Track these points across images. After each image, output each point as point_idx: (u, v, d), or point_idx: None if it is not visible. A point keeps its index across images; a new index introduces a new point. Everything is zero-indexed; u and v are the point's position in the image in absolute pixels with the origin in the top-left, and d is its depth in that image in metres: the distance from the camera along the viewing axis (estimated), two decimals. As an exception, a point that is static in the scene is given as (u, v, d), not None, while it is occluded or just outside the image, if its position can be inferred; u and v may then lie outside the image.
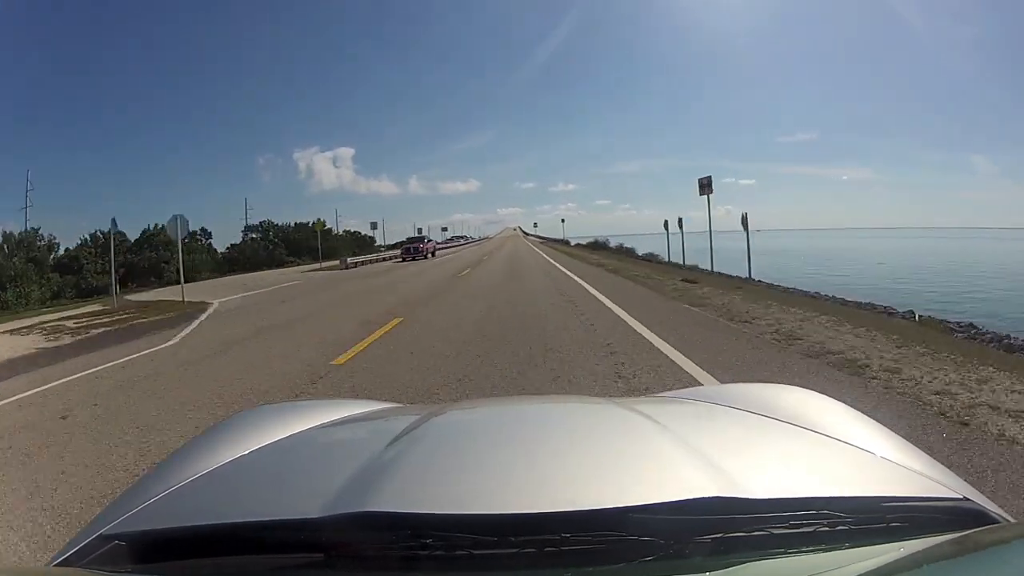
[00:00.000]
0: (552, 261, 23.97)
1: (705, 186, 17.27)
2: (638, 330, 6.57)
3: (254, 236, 48.19)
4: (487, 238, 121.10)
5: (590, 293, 10.83)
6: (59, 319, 13.44)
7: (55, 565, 0.73)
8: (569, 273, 16.46)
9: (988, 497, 0.78)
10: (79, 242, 32.42)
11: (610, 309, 8.47)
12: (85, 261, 29.90)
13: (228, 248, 44.71)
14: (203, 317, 11.62)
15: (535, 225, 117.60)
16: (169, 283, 24.32)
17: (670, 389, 2.06)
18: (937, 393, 3.81)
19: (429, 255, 36.12)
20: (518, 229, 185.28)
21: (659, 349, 5.55)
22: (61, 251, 31.65)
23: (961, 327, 6.68)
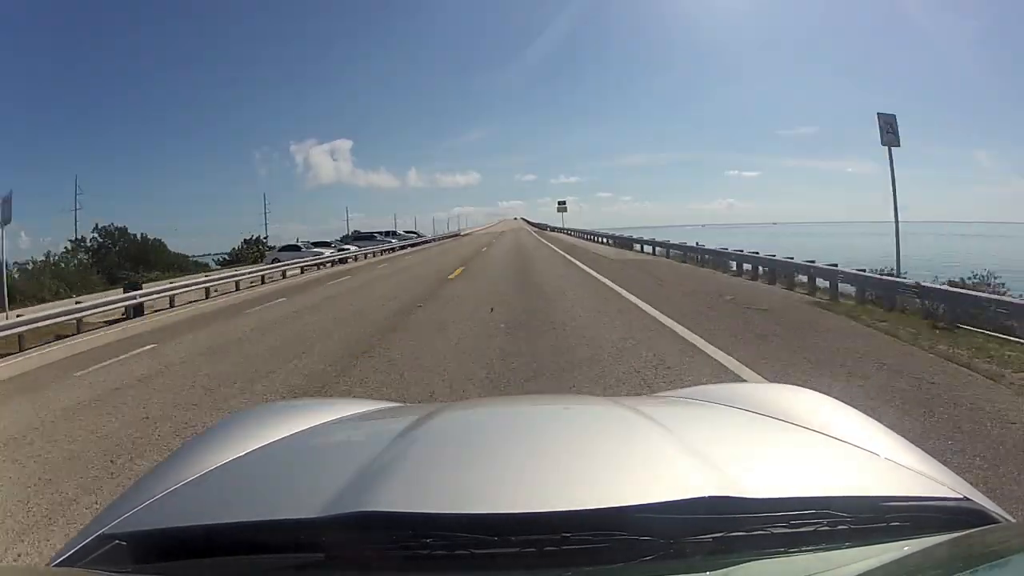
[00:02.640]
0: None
1: (889, 133, 10.44)
2: None
3: None
4: (456, 235, 59.27)
5: None
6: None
7: (55, 565, 0.73)
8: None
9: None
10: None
11: None
12: None
13: None
14: None
15: (562, 207, 56.25)
16: None
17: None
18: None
19: None
20: (520, 220, 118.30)
21: None
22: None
23: None
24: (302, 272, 21.47)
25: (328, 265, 24.32)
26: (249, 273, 17.82)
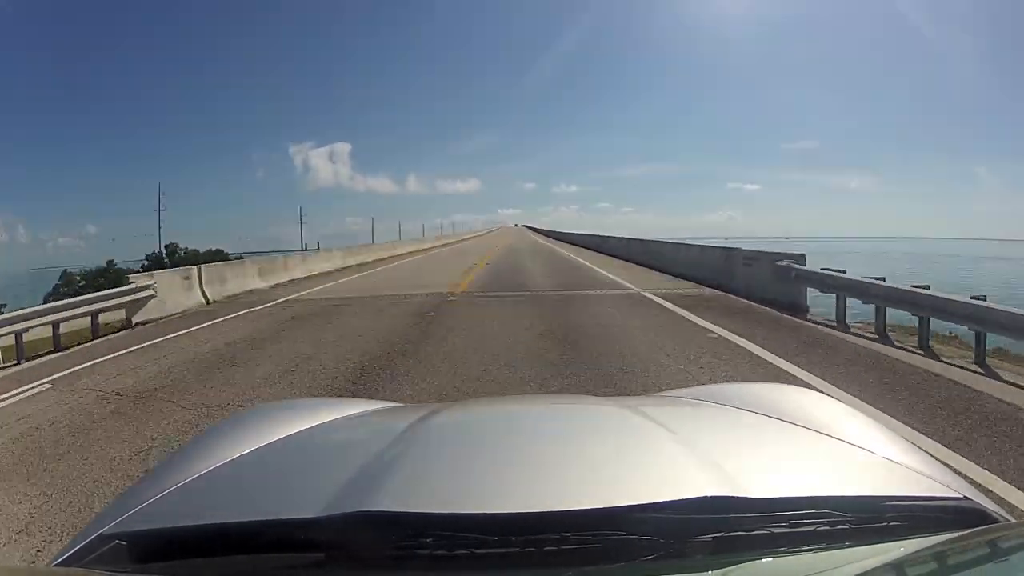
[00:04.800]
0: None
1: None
2: None
3: None
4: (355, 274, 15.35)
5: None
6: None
7: (55, 565, 0.73)
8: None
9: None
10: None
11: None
12: None
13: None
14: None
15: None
16: None
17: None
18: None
19: None
20: (523, 227, 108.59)
21: None
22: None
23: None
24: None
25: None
26: None
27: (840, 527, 0.65)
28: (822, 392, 1.17)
